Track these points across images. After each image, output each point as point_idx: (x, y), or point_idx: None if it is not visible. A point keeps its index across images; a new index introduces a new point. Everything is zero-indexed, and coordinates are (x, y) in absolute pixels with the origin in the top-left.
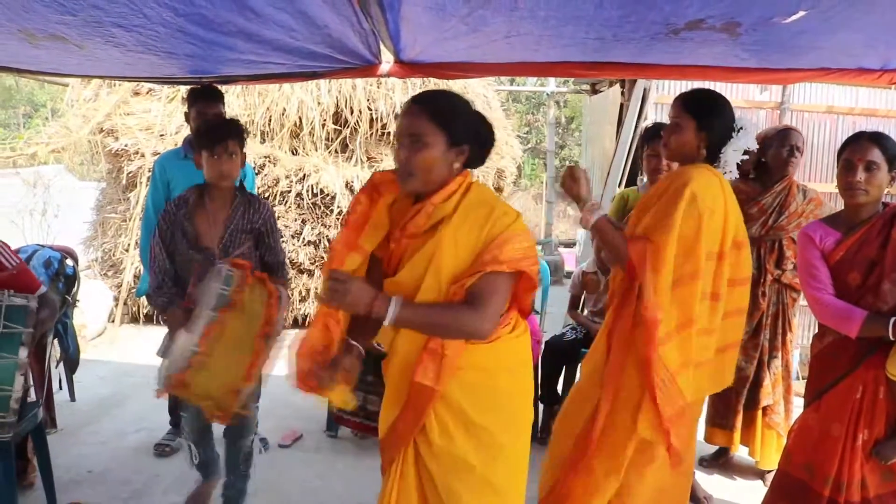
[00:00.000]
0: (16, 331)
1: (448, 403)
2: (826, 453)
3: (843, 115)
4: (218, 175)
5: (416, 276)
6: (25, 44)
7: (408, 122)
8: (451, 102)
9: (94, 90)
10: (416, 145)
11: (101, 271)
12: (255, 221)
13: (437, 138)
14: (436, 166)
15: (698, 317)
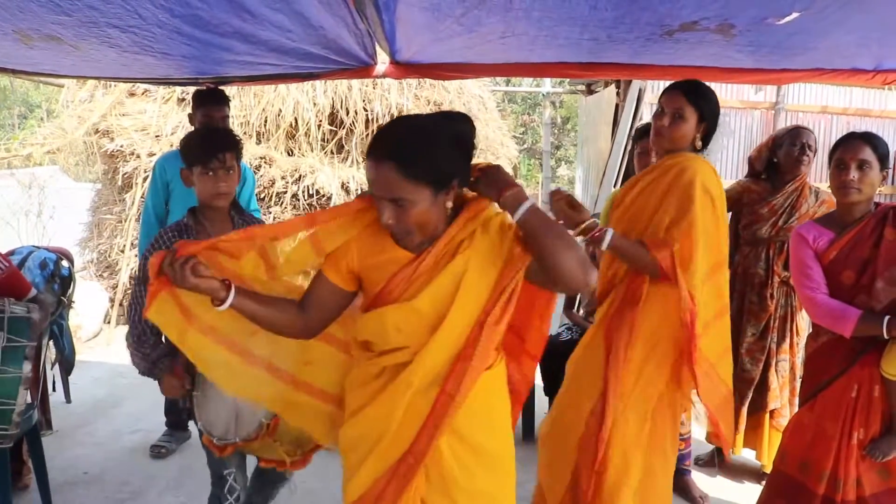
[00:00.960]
0: (20, 345)
1: (461, 437)
2: (821, 452)
3: (838, 115)
4: (213, 194)
5: (441, 299)
6: (20, 44)
7: (382, 185)
8: (420, 146)
9: (89, 91)
10: (399, 209)
11: (97, 272)
12: None
13: (420, 194)
14: (430, 219)
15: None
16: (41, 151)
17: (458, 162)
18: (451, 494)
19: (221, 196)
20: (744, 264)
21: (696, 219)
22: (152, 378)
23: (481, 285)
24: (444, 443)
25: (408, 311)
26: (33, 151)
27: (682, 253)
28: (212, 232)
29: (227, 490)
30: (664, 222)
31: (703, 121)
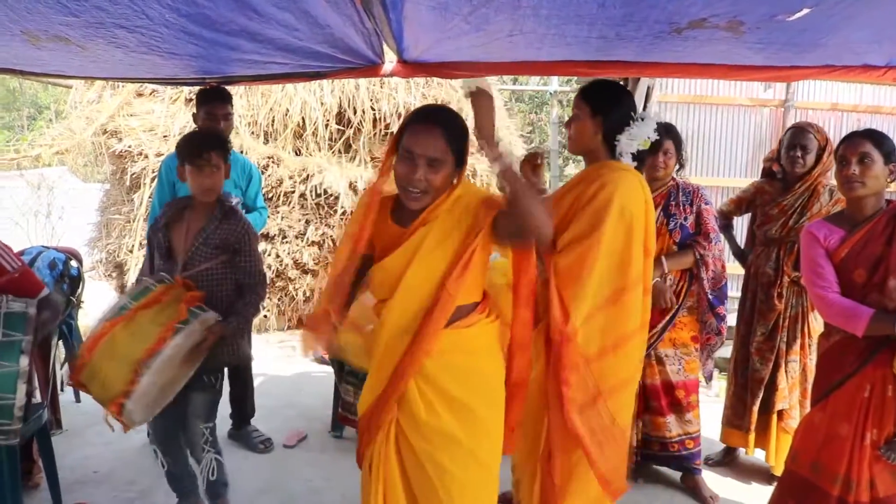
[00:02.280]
0: (15, 339)
1: (433, 383)
2: (834, 453)
3: (848, 112)
4: (199, 188)
5: (402, 261)
6: (28, 45)
7: (427, 144)
8: (462, 126)
9: (97, 92)
10: (431, 169)
11: (106, 272)
12: (228, 239)
13: (449, 161)
14: (444, 186)
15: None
16: (50, 152)
17: (468, 153)
18: (418, 429)
19: (207, 191)
20: (755, 264)
21: (602, 241)
22: None
23: (437, 253)
24: (413, 385)
25: (381, 269)
26: (42, 152)
27: (570, 269)
28: (188, 220)
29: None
30: (573, 233)
31: (598, 113)
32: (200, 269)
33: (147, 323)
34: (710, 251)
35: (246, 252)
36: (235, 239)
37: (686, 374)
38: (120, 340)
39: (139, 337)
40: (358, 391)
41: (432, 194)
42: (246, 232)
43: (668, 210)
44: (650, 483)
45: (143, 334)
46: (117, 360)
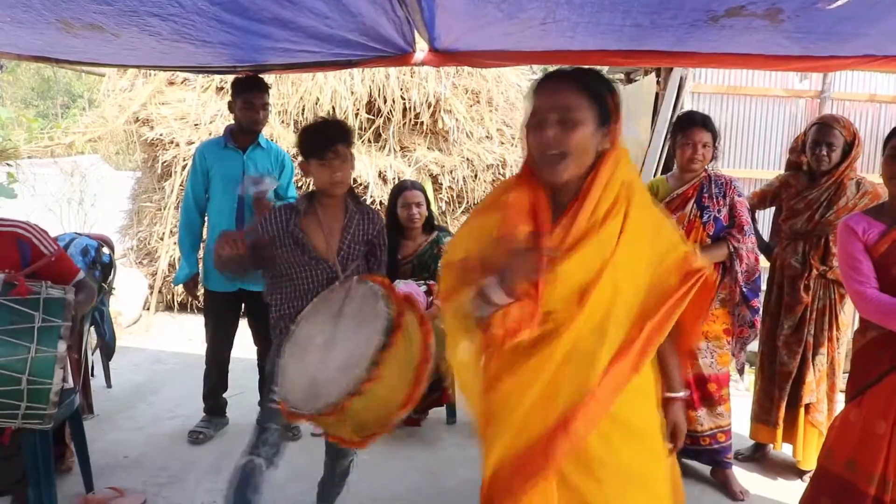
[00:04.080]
0: (55, 324)
1: (611, 415)
2: (870, 451)
3: (887, 103)
4: (329, 183)
5: (587, 271)
6: (63, 33)
7: (555, 97)
8: (597, 74)
9: (129, 80)
10: (562, 127)
11: (137, 259)
12: (370, 232)
13: (587, 113)
14: (587, 149)
15: None
16: (83, 140)
17: (617, 110)
18: (594, 473)
19: (337, 184)
20: (781, 257)
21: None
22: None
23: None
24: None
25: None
26: (75, 140)
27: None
28: (322, 217)
29: (263, 440)
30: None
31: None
32: (352, 268)
33: (410, 326)
34: (744, 244)
35: (384, 244)
36: (376, 231)
37: (718, 368)
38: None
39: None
40: None
41: (574, 157)
42: (383, 223)
43: (701, 202)
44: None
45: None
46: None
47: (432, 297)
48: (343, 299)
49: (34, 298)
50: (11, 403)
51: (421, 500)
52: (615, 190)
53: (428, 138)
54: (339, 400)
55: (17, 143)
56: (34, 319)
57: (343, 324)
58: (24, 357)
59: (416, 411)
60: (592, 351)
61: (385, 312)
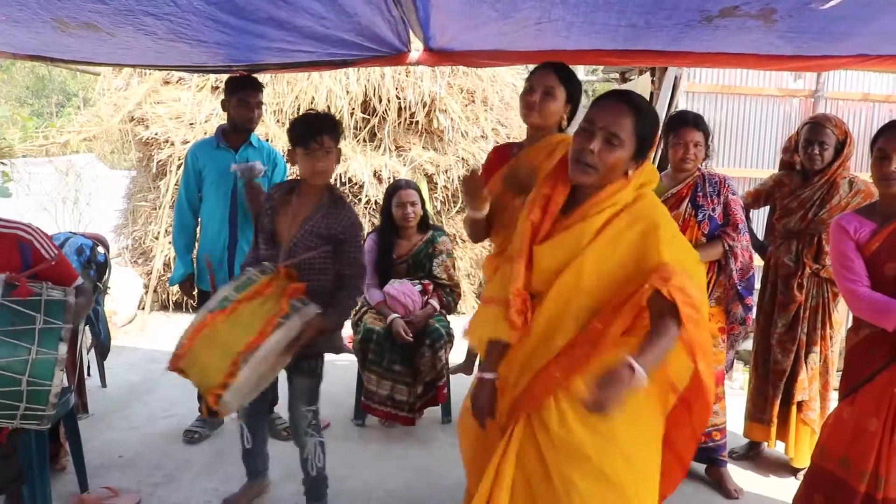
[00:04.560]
0: (55, 326)
1: (570, 394)
2: (862, 448)
3: (880, 102)
4: (311, 172)
5: (557, 260)
6: (58, 32)
7: (611, 118)
8: (653, 115)
9: (124, 79)
10: (606, 145)
11: (132, 259)
12: (333, 228)
13: (628, 145)
14: (617, 171)
15: None
16: (78, 139)
17: (654, 147)
18: (549, 438)
19: (318, 174)
20: (775, 255)
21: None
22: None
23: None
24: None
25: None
26: (70, 139)
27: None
28: (296, 203)
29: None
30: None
31: (570, 102)
32: (304, 258)
33: (249, 315)
34: (738, 242)
35: (351, 242)
36: (342, 229)
37: (714, 366)
38: (221, 332)
39: (241, 330)
40: (381, 380)
41: (601, 172)
42: (353, 222)
43: (695, 201)
44: None
45: (245, 327)
46: (218, 351)
47: (427, 297)
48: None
49: (35, 300)
50: (11, 404)
51: (415, 499)
52: (612, 208)
53: (423, 138)
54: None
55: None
56: (35, 321)
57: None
58: (24, 358)
59: (411, 410)
60: (553, 333)
61: (250, 275)
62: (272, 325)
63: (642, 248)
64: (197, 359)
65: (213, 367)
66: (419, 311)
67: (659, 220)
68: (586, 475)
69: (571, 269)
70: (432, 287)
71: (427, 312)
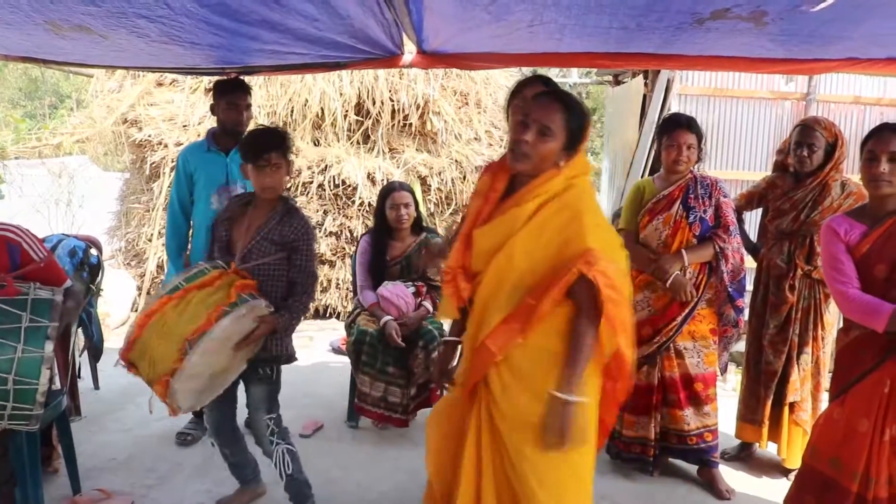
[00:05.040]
0: (41, 324)
1: (511, 367)
2: (854, 448)
3: (871, 105)
4: (260, 187)
5: (493, 242)
6: (51, 34)
7: (543, 111)
8: (581, 107)
9: (118, 81)
10: (540, 137)
11: (125, 261)
12: (286, 235)
13: (559, 136)
14: (548, 161)
15: None
16: (70, 141)
17: (584, 140)
18: (498, 409)
19: (266, 189)
20: (767, 257)
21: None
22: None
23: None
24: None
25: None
26: (63, 141)
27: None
28: (251, 214)
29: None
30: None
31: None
32: (257, 264)
33: (197, 303)
34: (729, 244)
35: (303, 251)
36: (295, 237)
37: (705, 367)
38: (169, 319)
39: (188, 316)
40: (374, 381)
41: (534, 161)
42: (306, 231)
43: (687, 203)
44: (666, 476)
45: (192, 314)
46: (166, 337)
47: (420, 299)
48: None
49: (22, 299)
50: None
51: (408, 500)
52: (543, 195)
53: (416, 140)
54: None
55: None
56: (21, 320)
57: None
58: (10, 357)
59: (404, 412)
60: (490, 309)
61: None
62: (218, 313)
63: (568, 233)
64: (146, 348)
65: (162, 355)
66: (412, 312)
67: (584, 208)
68: (534, 443)
69: (505, 250)
70: (426, 289)
71: (420, 314)
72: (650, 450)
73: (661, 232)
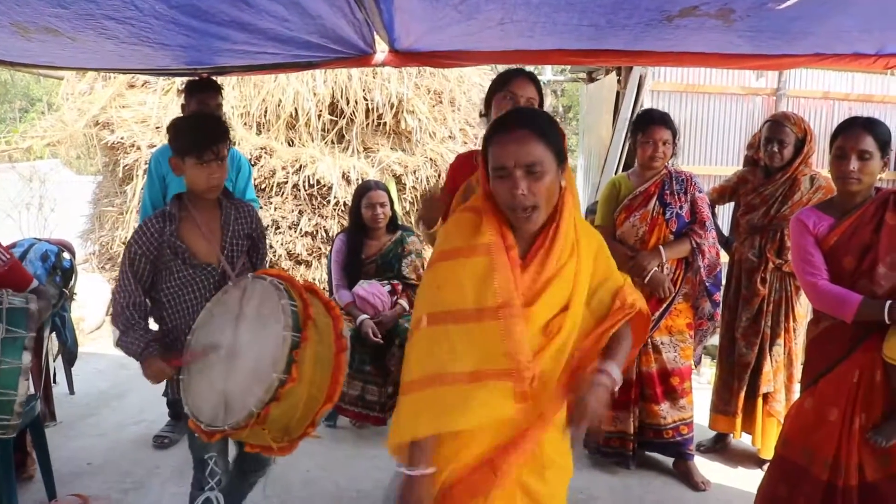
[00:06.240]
0: (18, 335)
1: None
2: (824, 438)
3: (840, 100)
4: (207, 185)
5: (553, 311)
6: (18, 37)
7: (519, 151)
8: (548, 119)
9: (88, 83)
10: (532, 177)
11: (99, 264)
12: (249, 226)
13: (550, 163)
14: (553, 192)
15: None
16: (41, 144)
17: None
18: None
19: (214, 188)
20: (739, 251)
21: None
22: (139, 361)
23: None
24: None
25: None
26: (33, 144)
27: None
28: (199, 219)
29: (209, 474)
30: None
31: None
32: (239, 264)
33: (318, 316)
34: (705, 239)
35: (263, 237)
36: (254, 225)
37: (682, 361)
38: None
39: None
40: (351, 380)
41: (543, 207)
42: (257, 214)
43: (663, 199)
44: (643, 469)
45: (323, 329)
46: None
47: (396, 297)
48: (240, 300)
49: None
50: None
51: None
52: (573, 227)
53: (391, 139)
54: (256, 410)
55: None
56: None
57: (245, 326)
58: None
59: (382, 410)
60: (552, 375)
61: (289, 307)
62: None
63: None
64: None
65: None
66: (388, 311)
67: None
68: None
69: (570, 315)
70: (401, 287)
71: (396, 312)
72: (629, 444)
73: (638, 228)
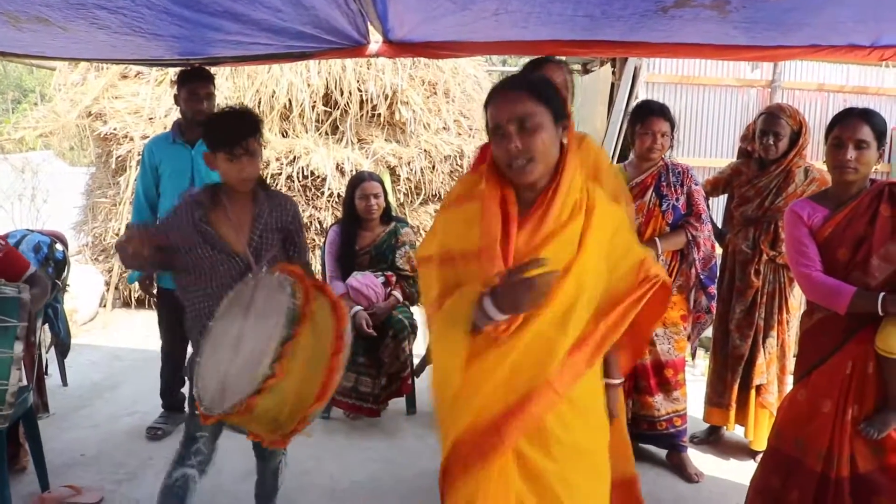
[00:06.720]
0: (10, 325)
1: (573, 403)
2: (817, 429)
3: (834, 92)
4: (238, 179)
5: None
6: (9, 27)
7: (512, 107)
8: (545, 80)
9: (81, 74)
10: (525, 132)
11: (92, 256)
12: (283, 220)
13: (545, 116)
14: (551, 149)
15: None
16: (34, 135)
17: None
18: (548, 451)
19: (246, 181)
20: (733, 243)
21: None
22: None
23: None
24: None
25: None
26: (26, 135)
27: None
28: (230, 210)
29: (194, 451)
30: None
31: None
32: (267, 258)
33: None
34: (701, 231)
35: (300, 230)
36: (291, 217)
37: (675, 354)
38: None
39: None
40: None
41: (539, 160)
42: (296, 209)
43: (659, 191)
44: (636, 461)
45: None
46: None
47: (390, 288)
48: (252, 292)
49: None
50: None
51: (380, 490)
52: (578, 188)
53: (385, 130)
54: (243, 399)
55: None
56: None
57: (251, 317)
58: None
59: (375, 402)
60: (553, 342)
61: (288, 303)
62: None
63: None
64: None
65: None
66: (382, 302)
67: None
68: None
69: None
70: (395, 278)
71: (390, 304)
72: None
73: (634, 220)
